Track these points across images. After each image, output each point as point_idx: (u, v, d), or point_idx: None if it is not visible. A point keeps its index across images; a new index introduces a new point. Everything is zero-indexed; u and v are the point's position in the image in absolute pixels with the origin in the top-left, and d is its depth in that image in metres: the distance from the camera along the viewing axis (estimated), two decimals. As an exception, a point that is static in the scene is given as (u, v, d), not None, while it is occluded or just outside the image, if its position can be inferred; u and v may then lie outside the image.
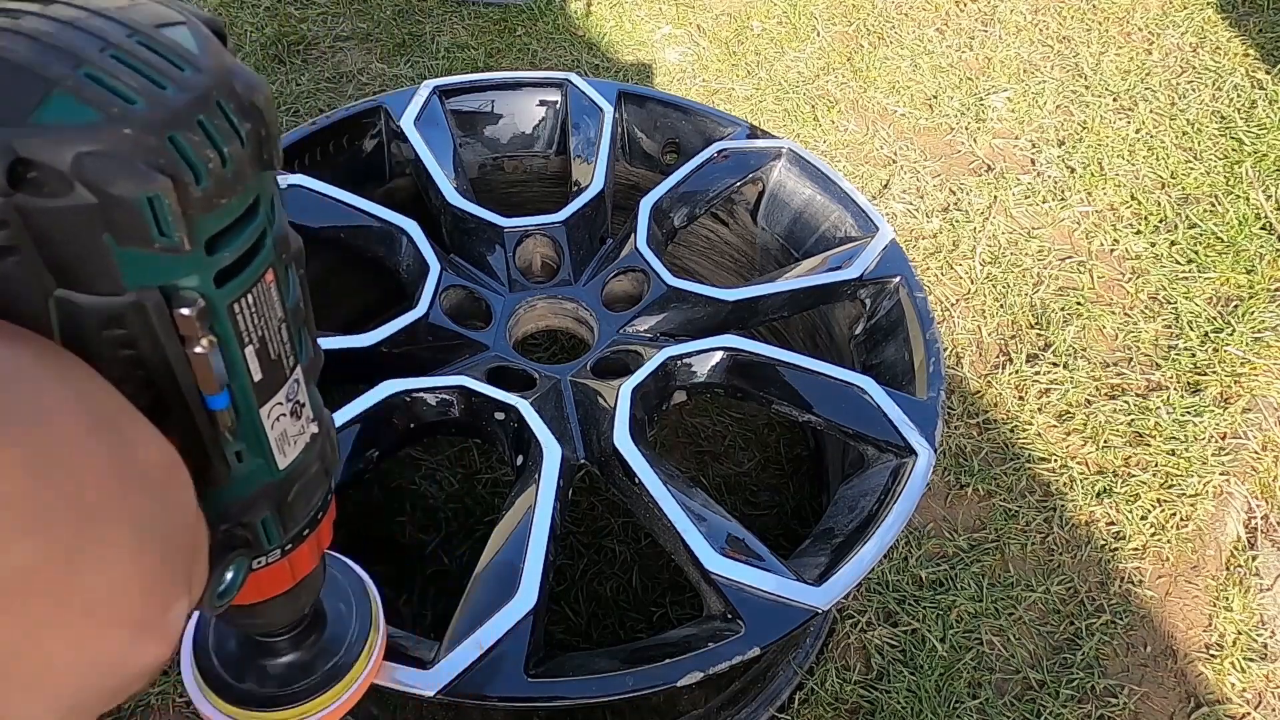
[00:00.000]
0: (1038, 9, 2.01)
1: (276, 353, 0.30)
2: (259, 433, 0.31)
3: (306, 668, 0.49)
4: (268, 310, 0.29)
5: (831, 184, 1.01)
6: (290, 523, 0.36)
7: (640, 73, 1.77)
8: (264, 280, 0.28)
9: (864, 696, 0.99)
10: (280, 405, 0.32)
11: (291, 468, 0.34)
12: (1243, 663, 1.06)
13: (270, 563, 0.37)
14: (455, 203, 0.94)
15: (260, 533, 0.34)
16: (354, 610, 0.52)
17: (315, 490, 0.37)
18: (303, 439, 0.34)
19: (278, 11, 1.78)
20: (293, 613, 0.44)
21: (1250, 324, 1.40)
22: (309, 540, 0.38)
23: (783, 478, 1.18)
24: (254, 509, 0.33)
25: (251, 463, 0.32)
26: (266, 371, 0.30)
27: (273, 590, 0.39)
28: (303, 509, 0.36)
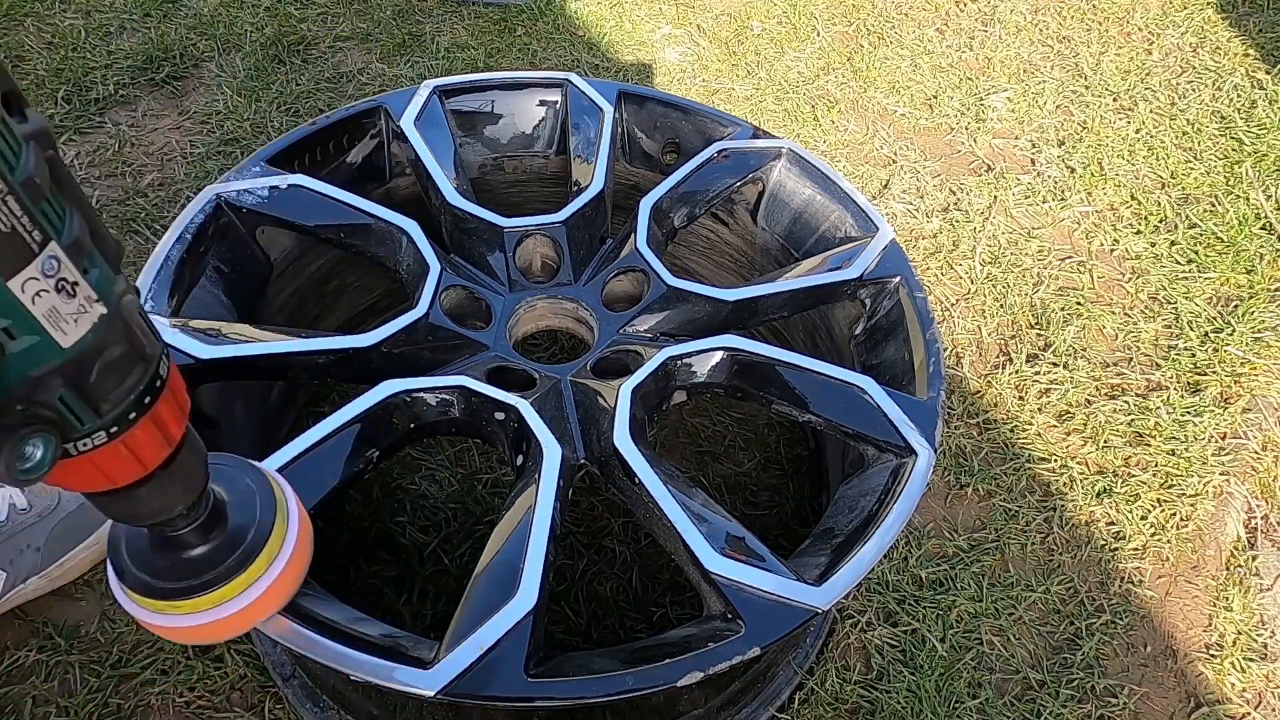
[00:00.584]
0: (1038, 9, 2.01)
1: (7, 224, 0.31)
2: (18, 307, 0.32)
3: (218, 556, 0.52)
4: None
5: (831, 184, 1.01)
6: (102, 403, 0.37)
7: (640, 73, 1.77)
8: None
9: (864, 696, 0.99)
10: (36, 280, 0.32)
11: (79, 346, 0.35)
12: (1243, 663, 1.06)
13: (97, 445, 0.38)
14: (455, 203, 0.94)
15: (64, 411, 0.36)
16: (257, 498, 0.55)
17: (126, 371, 0.38)
18: (86, 318, 0.35)
19: (278, 11, 1.78)
20: (175, 499, 0.46)
21: (1250, 324, 1.40)
22: (142, 424, 0.39)
23: (783, 478, 1.18)
24: (44, 387, 0.34)
25: (24, 339, 0.33)
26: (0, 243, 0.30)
27: (123, 477, 0.41)
28: (114, 390, 0.37)
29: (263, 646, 0.95)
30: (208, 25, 1.73)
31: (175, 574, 0.51)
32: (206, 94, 1.60)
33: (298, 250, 1.00)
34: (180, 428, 0.43)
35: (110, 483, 0.41)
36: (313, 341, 0.80)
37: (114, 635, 0.96)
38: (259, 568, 0.53)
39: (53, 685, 0.93)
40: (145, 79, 1.61)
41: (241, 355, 0.76)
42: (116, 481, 0.41)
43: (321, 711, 0.90)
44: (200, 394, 0.79)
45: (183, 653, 0.95)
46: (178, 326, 0.76)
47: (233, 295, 0.90)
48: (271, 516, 0.55)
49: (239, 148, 1.51)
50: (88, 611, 0.98)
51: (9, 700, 0.91)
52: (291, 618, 0.62)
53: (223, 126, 1.54)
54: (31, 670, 0.94)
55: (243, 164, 0.92)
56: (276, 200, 0.90)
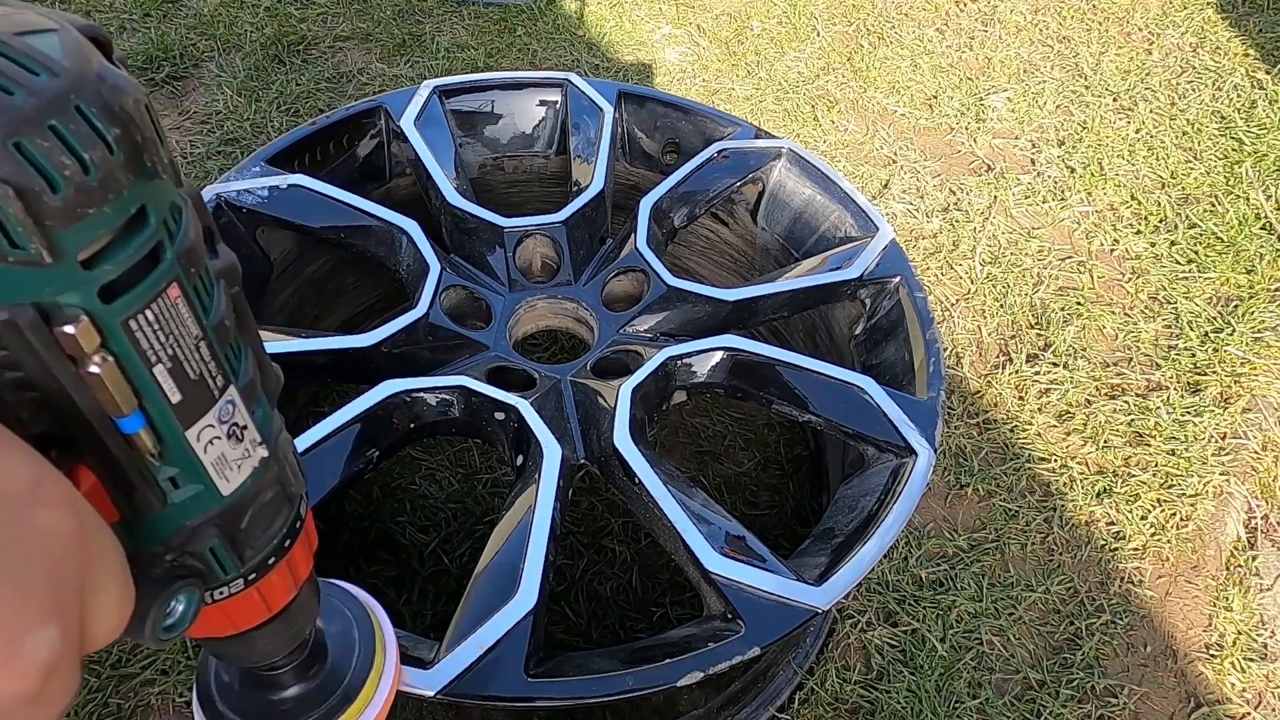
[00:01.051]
0: (1038, 9, 2.01)
1: (198, 372, 0.29)
2: (189, 456, 0.30)
3: (313, 699, 0.48)
4: (177, 327, 0.28)
5: (831, 184, 1.01)
6: (247, 550, 0.35)
7: (640, 73, 1.77)
8: (166, 295, 0.27)
9: (864, 696, 0.99)
10: (212, 428, 0.31)
11: (239, 493, 0.33)
12: (1243, 663, 1.06)
13: (234, 593, 0.36)
14: (455, 203, 0.94)
15: (211, 561, 0.34)
16: (356, 633, 0.52)
17: (274, 516, 0.36)
18: (249, 463, 0.33)
19: (278, 11, 1.78)
20: (285, 642, 0.44)
21: (1250, 324, 1.40)
22: (277, 569, 0.37)
23: (783, 478, 1.18)
24: (199, 537, 0.32)
25: (188, 489, 0.31)
26: (187, 392, 0.29)
27: (247, 622, 0.39)
28: (260, 536, 0.35)
29: (263, 646, 0.95)
30: (208, 25, 1.73)
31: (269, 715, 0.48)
32: (206, 94, 1.60)
33: (297, 250, 1.00)
34: (308, 567, 0.41)
35: (234, 628, 0.39)
36: (313, 341, 0.80)
37: (114, 635, 0.96)
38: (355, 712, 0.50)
39: (53, 685, 0.93)
40: (145, 79, 1.61)
41: (241, 355, 0.76)
42: (240, 627, 0.39)
43: (321, 711, 0.90)
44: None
45: (183, 652, 0.95)
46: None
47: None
48: (370, 656, 0.51)
49: (239, 148, 1.51)
50: (88, 611, 0.98)
51: (9, 700, 0.91)
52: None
53: (223, 126, 1.54)
54: (31, 670, 0.94)
55: (243, 164, 0.92)
56: (276, 200, 0.90)
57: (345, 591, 0.54)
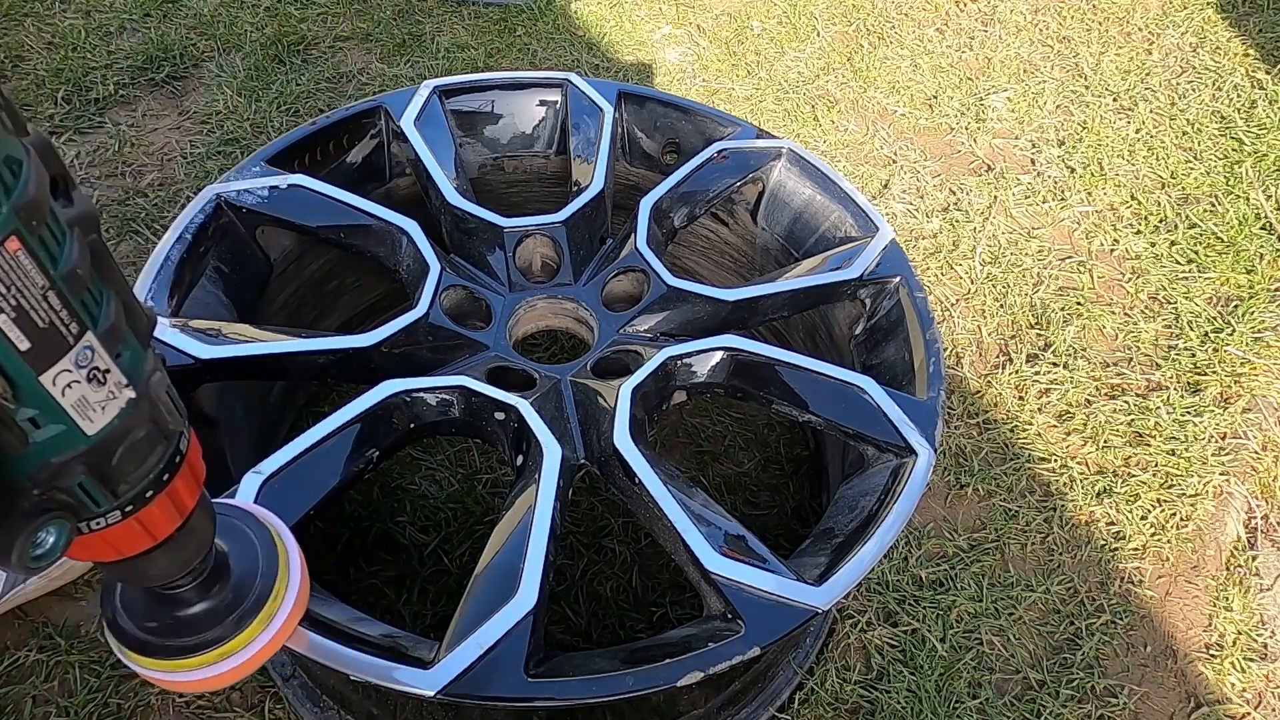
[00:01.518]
0: (1038, 9, 2.01)
1: (47, 321, 0.29)
2: (46, 400, 0.31)
3: (217, 613, 0.50)
4: (19, 278, 0.28)
5: (831, 184, 1.01)
6: (120, 485, 0.36)
7: (640, 73, 1.77)
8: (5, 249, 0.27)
9: (864, 696, 0.99)
10: (69, 372, 0.31)
11: (105, 432, 0.33)
12: (1243, 663, 1.06)
13: (111, 524, 0.37)
14: (455, 203, 0.94)
15: (81, 495, 0.34)
16: (260, 552, 0.53)
17: (148, 453, 0.36)
18: (115, 404, 0.33)
19: (278, 11, 1.78)
20: (178, 566, 0.45)
21: (1250, 324, 1.40)
22: (158, 501, 0.38)
23: (783, 478, 1.18)
24: (66, 473, 0.33)
25: (50, 429, 0.31)
26: (36, 339, 0.29)
27: (131, 549, 0.39)
28: (132, 472, 0.36)
29: (263, 646, 0.95)
30: (208, 25, 1.73)
31: (177, 631, 0.49)
32: (206, 94, 1.60)
33: (298, 250, 1.00)
34: (194, 498, 0.42)
35: (118, 554, 0.40)
36: (313, 341, 0.80)
37: (114, 635, 0.96)
38: (261, 623, 0.52)
39: (53, 685, 0.93)
40: (145, 79, 1.61)
41: (241, 355, 0.76)
42: (124, 553, 0.40)
43: (321, 711, 0.90)
44: (200, 394, 0.79)
45: (183, 653, 0.95)
46: (178, 326, 0.76)
47: (233, 295, 0.90)
48: (274, 568, 0.53)
49: (239, 148, 1.51)
50: (88, 611, 0.98)
51: (9, 700, 0.91)
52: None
53: (223, 126, 1.54)
54: (31, 670, 0.94)
55: (243, 164, 0.92)
56: (276, 200, 0.90)
57: (248, 514, 0.56)
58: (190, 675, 0.50)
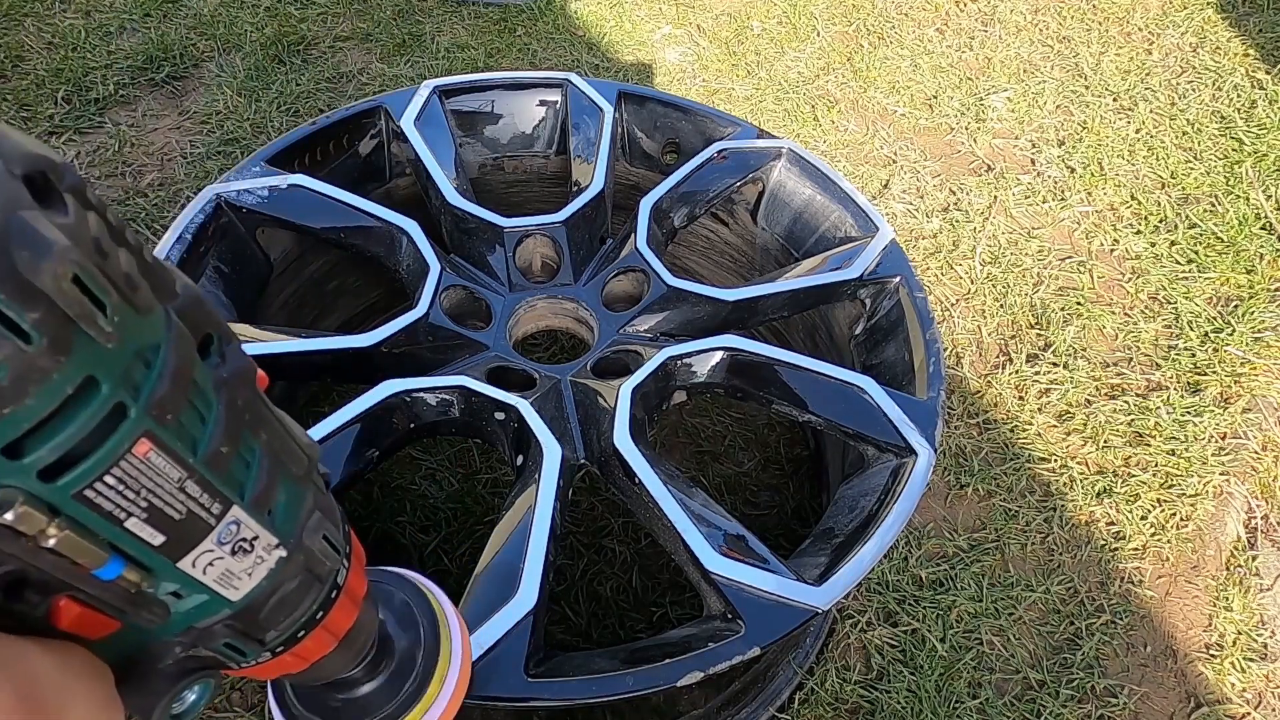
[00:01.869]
0: (1038, 9, 2.01)
1: (183, 511, 0.26)
2: (186, 579, 0.28)
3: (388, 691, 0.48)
4: (150, 480, 0.24)
5: (831, 184, 1.01)
6: (268, 635, 0.33)
7: (640, 73, 1.77)
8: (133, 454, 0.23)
9: (864, 696, 0.99)
10: (211, 552, 0.28)
11: (252, 596, 0.31)
12: (1243, 663, 1.06)
13: (260, 662, 0.34)
14: (455, 203, 0.94)
15: (226, 653, 0.32)
16: (419, 620, 0.50)
17: (300, 600, 0.34)
18: (262, 568, 0.30)
19: (278, 11, 1.78)
20: (345, 663, 0.43)
21: (1250, 324, 1.40)
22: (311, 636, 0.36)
23: (783, 478, 1.18)
24: (210, 636, 0.31)
25: (192, 599, 0.29)
26: (171, 533, 0.26)
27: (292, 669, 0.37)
28: (283, 621, 0.33)
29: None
30: (208, 25, 1.73)
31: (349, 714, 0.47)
32: (206, 94, 1.60)
33: (298, 250, 1.00)
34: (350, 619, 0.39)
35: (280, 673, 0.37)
36: (313, 341, 0.80)
37: (114, 635, 0.96)
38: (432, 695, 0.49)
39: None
40: (145, 79, 1.61)
41: (241, 355, 0.76)
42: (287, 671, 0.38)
43: (321, 711, 0.90)
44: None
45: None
46: (178, 326, 0.76)
47: (233, 295, 0.90)
48: (435, 634, 0.50)
49: (239, 148, 1.51)
50: (88, 611, 0.98)
51: (9, 700, 0.91)
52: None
53: (223, 126, 1.54)
54: (31, 670, 0.94)
55: (243, 164, 0.92)
56: (276, 200, 0.90)
57: (400, 577, 0.53)
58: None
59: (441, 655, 0.50)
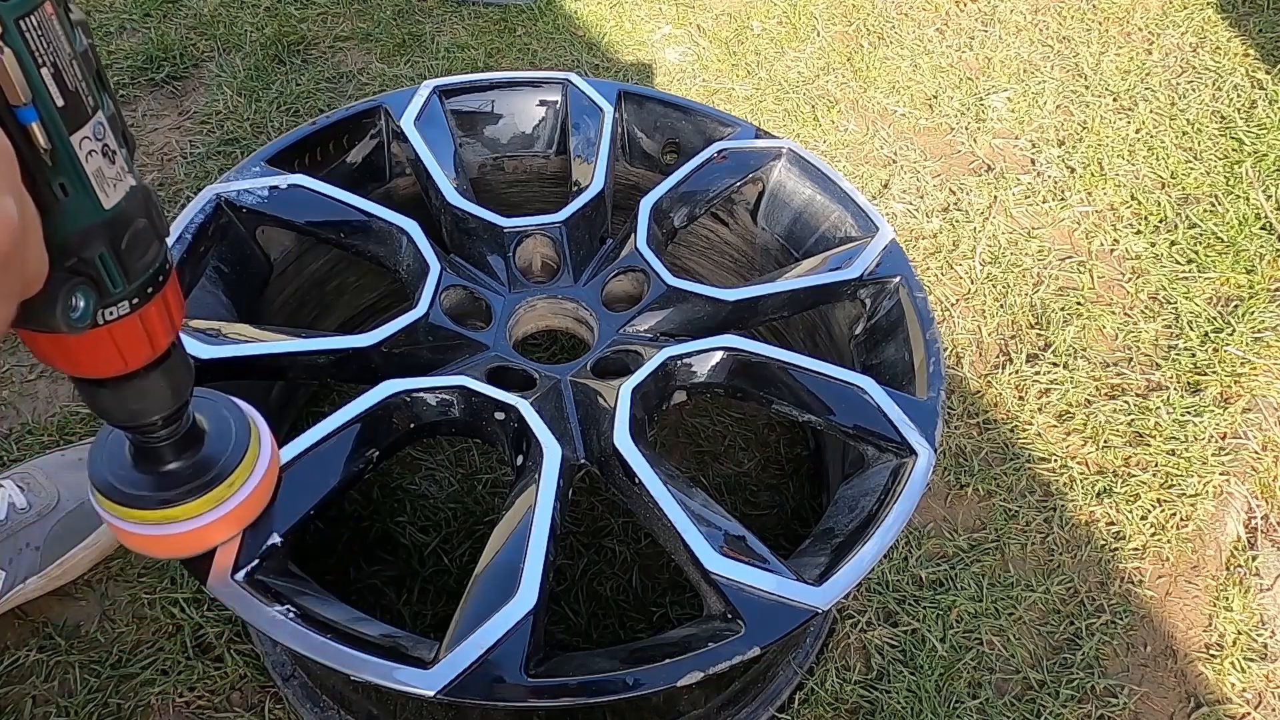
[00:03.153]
0: (1038, 9, 2.01)
1: (74, 85, 0.36)
2: (75, 164, 0.37)
3: (185, 475, 0.56)
4: (54, 39, 0.35)
5: (831, 184, 1.01)
6: (130, 269, 0.42)
7: (640, 73, 1.77)
8: (43, 9, 0.34)
9: (864, 696, 0.99)
10: (90, 140, 0.38)
11: (117, 210, 0.40)
12: (1243, 663, 1.06)
13: (121, 315, 0.43)
14: (455, 203, 0.94)
15: (100, 270, 0.41)
16: (234, 428, 0.59)
17: (148, 245, 0.43)
18: (122, 185, 0.40)
19: (278, 11, 1.78)
20: (159, 399, 0.50)
21: (1250, 324, 1.40)
22: (155, 302, 0.45)
23: (783, 478, 1.18)
24: (89, 244, 0.40)
25: (76, 197, 0.38)
26: (68, 99, 0.36)
27: (135, 356, 0.46)
28: (139, 259, 0.43)
29: (263, 646, 0.95)
30: (208, 25, 1.73)
31: (147, 485, 0.55)
32: (206, 94, 1.60)
33: (298, 250, 1.00)
34: (181, 316, 0.48)
35: (122, 363, 0.46)
36: (313, 341, 0.80)
37: (114, 635, 0.96)
38: (226, 490, 0.57)
39: (53, 685, 0.93)
40: (145, 79, 1.61)
41: (241, 355, 0.76)
42: (128, 362, 0.46)
43: (321, 711, 0.90)
44: (200, 394, 0.79)
45: (183, 652, 0.95)
46: (178, 326, 0.76)
47: (233, 295, 0.90)
48: (244, 448, 0.59)
49: (239, 148, 1.51)
50: (88, 611, 0.98)
51: (9, 700, 0.91)
52: (292, 617, 0.63)
53: (223, 126, 1.54)
54: (31, 670, 0.94)
55: (243, 164, 0.92)
56: (276, 200, 0.90)
57: (231, 402, 0.62)
58: (136, 528, 0.56)
59: (245, 462, 0.58)
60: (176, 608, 0.98)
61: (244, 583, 0.63)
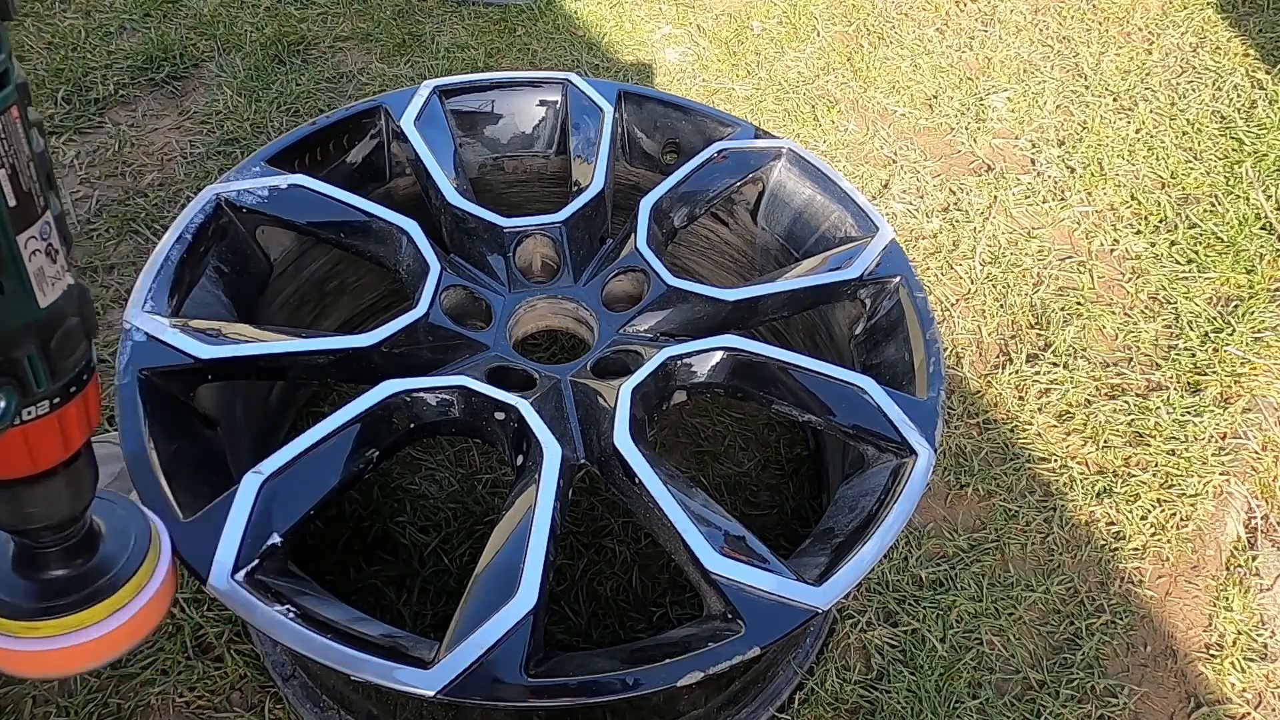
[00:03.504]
0: (1038, 9, 2.01)
1: (28, 186, 0.36)
2: (18, 262, 0.37)
3: (76, 584, 0.52)
4: (15, 143, 0.35)
5: (831, 184, 1.01)
6: (56, 369, 0.41)
7: (640, 73, 1.77)
8: (9, 114, 0.34)
9: (864, 696, 0.99)
10: (35, 240, 0.38)
11: (52, 310, 0.40)
12: (1243, 663, 1.06)
13: (39, 415, 0.42)
14: (455, 203, 0.94)
15: (27, 370, 0.40)
16: (131, 539, 0.55)
17: (77, 344, 0.42)
18: (60, 284, 0.40)
19: (278, 11, 1.78)
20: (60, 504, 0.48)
21: (1250, 324, 1.40)
22: (76, 402, 0.44)
23: (783, 478, 1.18)
24: (19, 343, 0.39)
25: (13, 296, 0.38)
26: (20, 200, 0.36)
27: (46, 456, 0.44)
28: (67, 359, 0.42)
29: (263, 646, 0.95)
30: (208, 25, 1.73)
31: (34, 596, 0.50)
32: (206, 94, 1.60)
33: (298, 250, 1.00)
34: (98, 414, 0.47)
35: (31, 464, 0.44)
36: (313, 341, 0.80)
37: (114, 635, 0.96)
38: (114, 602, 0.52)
39: (53, 685, 0.93)
40: (145, 79, 1.61)
41: (241, 355, 0.76)
42: (37, 463, 0.44)
43: (321, 711, 0.90)
44: (200, 394, 0.79)
45: (183, 653, 0.95)
46: (178, 326, 0.76)
47: (233, 295, 0.90)
48: (142, 556, 0.54)
49: (239, 148, 1.51)
50: (88, 611, 0.98)
51: (9, 700, 0.91)
52: (292, 617, 0.63)
53: (223, 126, 1.54)
54: (31, 670, 0.94)
55: (243, 164, 0.92)
56: (276, 200, 0.90)
57: (133, 506, 0.58)
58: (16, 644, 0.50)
59: (138, 575, 0.54)
60: (176, 608, 0.98)
61: (244, 583, 0.64)
